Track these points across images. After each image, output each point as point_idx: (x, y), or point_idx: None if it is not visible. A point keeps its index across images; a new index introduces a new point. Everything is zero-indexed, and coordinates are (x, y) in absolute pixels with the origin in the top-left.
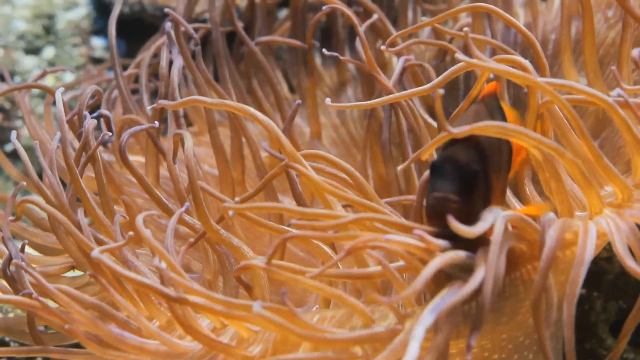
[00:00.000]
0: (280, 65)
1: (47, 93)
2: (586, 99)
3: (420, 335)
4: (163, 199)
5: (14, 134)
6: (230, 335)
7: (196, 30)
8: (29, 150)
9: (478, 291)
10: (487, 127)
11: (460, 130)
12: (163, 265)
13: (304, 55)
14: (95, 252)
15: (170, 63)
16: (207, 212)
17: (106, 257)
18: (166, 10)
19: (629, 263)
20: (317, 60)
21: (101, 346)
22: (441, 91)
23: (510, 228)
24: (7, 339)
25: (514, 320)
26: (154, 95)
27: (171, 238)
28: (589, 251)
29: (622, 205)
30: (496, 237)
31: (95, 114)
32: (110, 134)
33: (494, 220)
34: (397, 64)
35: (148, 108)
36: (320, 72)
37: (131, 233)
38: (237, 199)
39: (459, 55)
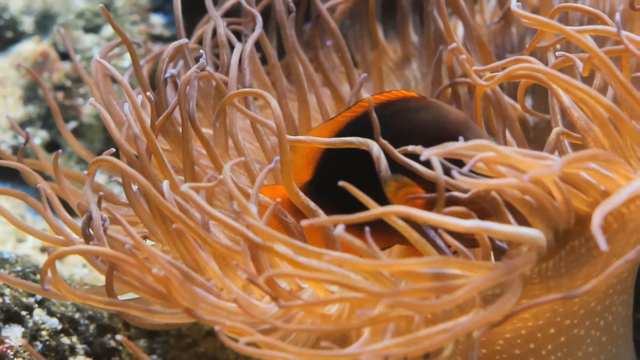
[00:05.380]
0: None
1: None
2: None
3: None
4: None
5: (92, 99)
6: (308, 296)
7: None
8: (91, 128)
9: None
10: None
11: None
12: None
13: (367, 29)
14: (185, 186)
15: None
16: (291, 174)
17: (194, 194)
18: None
19: None
20: (380, 35)
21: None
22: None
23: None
24: None
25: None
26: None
27: (257, 190)
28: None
29: None
30: None
31: (167, 74)
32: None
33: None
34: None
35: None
36: (384, 46)
37: (220, 177)
38: None
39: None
